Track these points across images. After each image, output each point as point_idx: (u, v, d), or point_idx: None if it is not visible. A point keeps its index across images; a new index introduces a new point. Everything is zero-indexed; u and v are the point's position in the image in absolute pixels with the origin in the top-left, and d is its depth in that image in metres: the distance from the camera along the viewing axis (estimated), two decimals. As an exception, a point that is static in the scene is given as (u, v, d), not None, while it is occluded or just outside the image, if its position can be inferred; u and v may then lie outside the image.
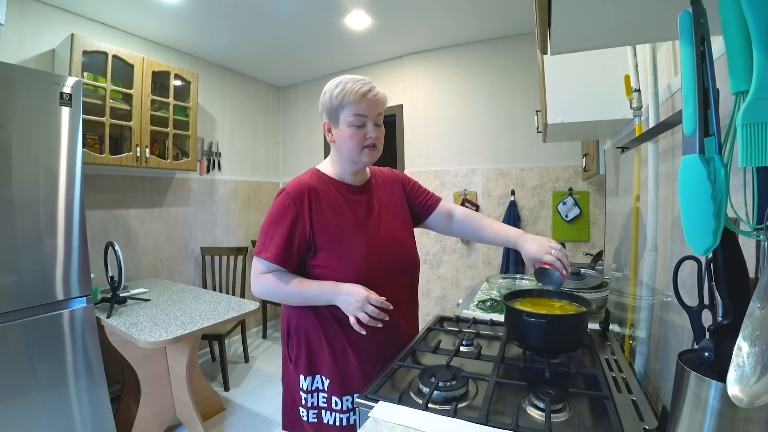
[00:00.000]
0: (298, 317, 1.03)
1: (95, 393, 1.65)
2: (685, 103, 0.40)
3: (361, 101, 0.99)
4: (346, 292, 0.93)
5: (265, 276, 0.99)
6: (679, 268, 0.57)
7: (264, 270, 0.99)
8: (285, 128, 3.95)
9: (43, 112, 1.54)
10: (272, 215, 1.00)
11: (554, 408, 0.72)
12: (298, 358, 1.02)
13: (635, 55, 1.03)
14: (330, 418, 1.00)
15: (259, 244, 0.99)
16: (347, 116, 1.00)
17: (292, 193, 0.99)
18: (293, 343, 1.03)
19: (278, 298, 1.00)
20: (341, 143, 1.02)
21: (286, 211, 0.98)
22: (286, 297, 0.99)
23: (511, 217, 2.76)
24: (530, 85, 2.71)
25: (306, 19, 2.52)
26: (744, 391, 0.35)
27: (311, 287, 0.97)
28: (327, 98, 1.01)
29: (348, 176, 1.09)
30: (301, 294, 0.97)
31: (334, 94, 1.00)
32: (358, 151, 1.02)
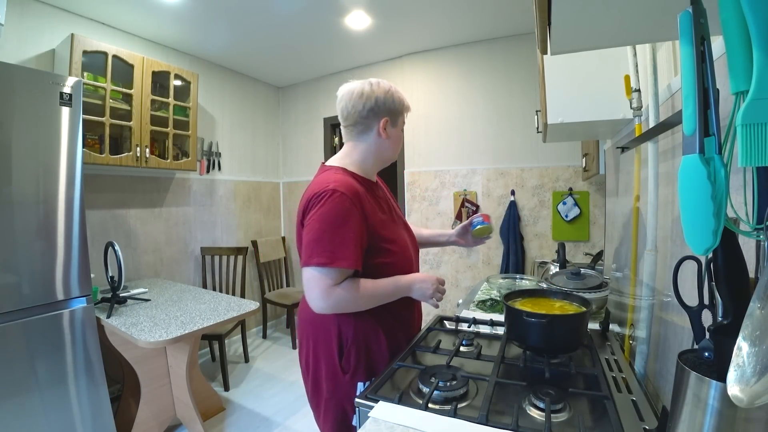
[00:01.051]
0: (356, 327, 0.99)
1: (95, 393, 1.65)
2: (685, 103, 0.40)
3: (407, 110, 1.11)
4: (420, 280, 1.01)
5: (337, 290, 0.90)
6: (679, 268, 0.57)
7: (335, 280, 0.90)
8: (285, 128, 3.95)
9: (43, 112, 1.54)
10: (333, 218, 0.90)
11: (554, 408, 0.72)
12: (357, 368, 0.98)
13: (635, 55, 1.03)
14: None
15: (326, 252, 0.88)
16: (402, 121, 1.09)
17: (348, 193, 0.93)
18: (351, 354, 0.98)
19: (352, 308, 0.95)
20: (393, 142, 1.07)
21: (348, 211, 0.92)
22: (363, 304, 0.95)
23: (511, 217, 2.76)
24: (530, 85, 2.71)
25: (306, 19, 2.52)
26: (744, 391, 0.35)
27: (386, 285, 0.97)
28: (391, 99, 1.04)
29: (372, 174, 1.11)
30: (379, 294, 0.96)
31: (397, 97, 1.06)
32: (396, 151, 1.10)
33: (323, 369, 1.01)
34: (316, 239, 0.90)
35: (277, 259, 3.68)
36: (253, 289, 3.55)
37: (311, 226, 0.92)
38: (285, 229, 3.99)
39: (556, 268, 1.86)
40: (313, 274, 0.90)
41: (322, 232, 0.90)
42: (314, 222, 0.92)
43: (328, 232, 0.90)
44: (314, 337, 1.03)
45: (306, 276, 0.92)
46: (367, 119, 1.03)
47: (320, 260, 0.89)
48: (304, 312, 1.06)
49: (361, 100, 1.02)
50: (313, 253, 0.90)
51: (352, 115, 1.03)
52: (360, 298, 0.93)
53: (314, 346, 1.03)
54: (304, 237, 0.94)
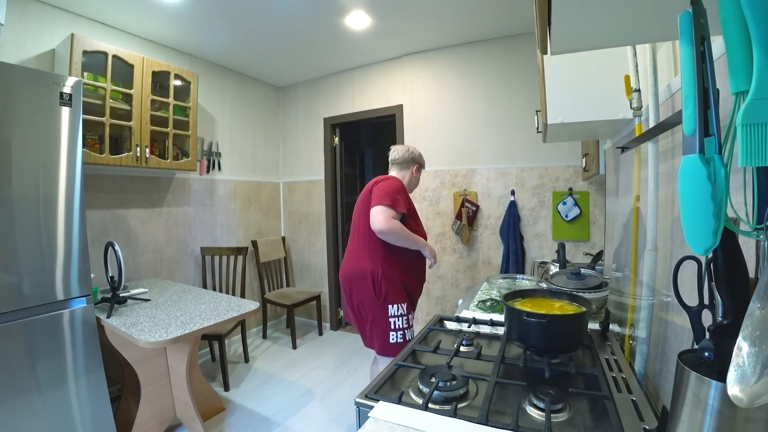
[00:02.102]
0: (383, 269, 1.66)
1: (95, 393, 1.65)
2: (685, 103, 0.40)
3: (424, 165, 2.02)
4: (430, 247, 1.78)
5: (396, 221, 1.62)
6: (679, 268, 0.57)
7: (394, 215, 1.63)
8: (285, 128, 3.95)
9: (43, 112, 1.54)
10: (394, 187, 1.70)
11: (554, 408, 0.72)
12: (387, 295, 1.65)
13: (635, 55, 1.02)
14: (410, 333, 1.68)
15: (391, 200, 1.63)
16: (420, 169, 1.97)
17: (401, 180, 1.81)
18: (382, 286, 1.65)
19: (399, 236, 1.64)
20: (413, 179, 1.94)
21: (401, 188, 1.74)
22: (405, 236, 1.65)
23: (511, 217, 2.76)
24: (530, 85, 2.71)
25: (306, 19, 2.52)
26: (744, 391, 0.35)
27: (416, 237, 1.72)
28: (420, 157, 1.97)
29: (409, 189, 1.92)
30: (413, 238, 1.69)
31: (420, 155, 1.98)
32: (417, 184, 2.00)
33: (365, 302, 1.68)
34: (386, 193, 1.66)
35: (277, 259, 3.68)
36: (253, 289, 3.55)
37: (382, 188, 1.68)
38: (285, 229, 3.99)
39: (556, 268, 1.86)
40: (381, 209, 1.62)
41: (390, 191, 1.67)
42: (384, 186, 1.69)
43: (392, 192, 1.67)
44: (357, 285, 1.69)
45: (375, 210, 1.62)
46: (407, 163, 1.91)
47: (388, 201, 1.63)
48: (345, 272, 1.76)
49: (407, 153, 1.91)
50: (384, 198, 1.63)
51: (400, 159, 1.91)
52: (403, 231, 1.65)
53: (357, 291, 1.70)
54: (376, 192, 1.68)
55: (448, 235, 3.06)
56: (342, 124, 3.64)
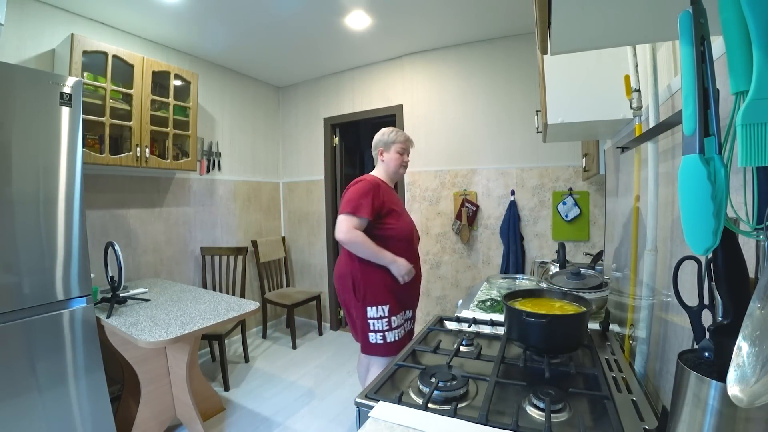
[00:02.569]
0: (363, 272, 1.64)
1: (95, 393, 1.65)
2: (685, 103, 0.40)
3: (404, 142, 1.81)
4: (400, 263, 1.64)
5: (357, 231, 1.57)
6: (679, 268, 0.57)
7: (355, 224, 1.58)
8: (285, 128, 3.95)
9: (43, 112, 1.54)
10: (359, 191, 1.62)
11: (554, 408, 0.72)
12: (365, 297, 1.64)
13: (635, 55, 1.02)
14: (392, 336, 1.65)
15: (352, 207, 1.58)
16: (396, 148, 1.79)
17: (371, 182, 1.66)
18: (360, 288, 1.64)
19: (360, 248, 1.59)
20: (390, 161, 1.79)
21: (368, 190, 1.63)
22: (365, 249, 1.59)
23: (511, 217, 2.76)
24: (530, 85, 2.71)
25: (306, 19, 2.52)
26: (744, 391, 0.35)
27: (383, 250, 1.62)
28: (383, 136, 1.80)
29: (390, 182, 1.82)
30: (376, 251, 1.61)
31: (388, 134, 1.80)
32: (398, 167, 1.80)
33: (349, 302, 1.70)
34: (349, 199, 1.61)
35: (277, 259, 3.68)
36: (253, 289, 3.55)
37: (347, 195, 1.64)
38: (285, 229, 3.99)
39: (556, 268, 1.86)
40: (342, 218, 1.59)
41: (351, 198, 1.61)
42: (350, 193, 1.64)
43: (354, 197, 1.61)
44: (341, 285, 1.72)
45: (338, 220, 1.61)
46: (378, 148, 1.83)
47: (349, 209, 1.58)
48: (335, 273, 1.78)
49: (376, 139, 1.83)
50: (346, 206, 1.60)
51: (373, 148, 1.85)
52: (363, 243, 1.59)
53: (341, 291, 1.73)
54: (342, 200, 1.65)
55: (448, 235, 3.06)
56: (342, 124, 3.64)
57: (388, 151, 1.77)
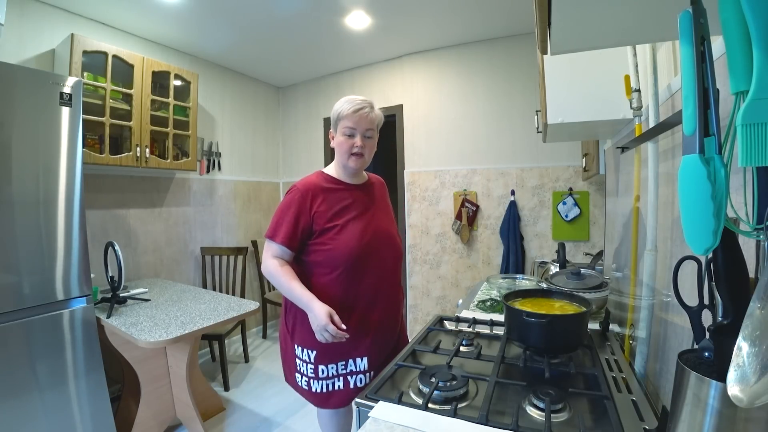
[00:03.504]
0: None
1: (95, 393, 1.65)
2: (685, 103, 0.40)
3: (353, 116, 1.22)
4: (315, 312, 1.11)
5: (274, 261, 1.20)
6: (679, 268, 0.57)
7: (274, 251, 1.21)
8: (285, 128, 3.95)
9: (43, 112, 1.54)
10: (283, 206, 1.22)
11: (554, 408, 0.72)
12: (293, 331, 1.26)
13: (635, 55, 1.02)
14: (317, 386, 1.23)
15: (271, 228, 1.21)
16: (342, 127, 1.24)
17: (300, 190, 1.22)
18: (290, 318, 1.27)
19: (274, 282, 1.21)
20: (336, 148, 1.26)
21: (292, 203, 1.20)
22: (279, 285, 1.20)
23: (511, 217, 2.76)
24: (530, 85, 2.71)
25: (306, 19, 2.52)
26: (744, 391, 0.35)
27: (296, 289, 1.16)
28: (333, 112, 1.26)
29: (346, 177, 1.29)
30: (288, 289, 1.17)
31: (336, 108, 1.25)
32: (346, 157, 1.24)
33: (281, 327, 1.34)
34: (273, 218, 1.24)
35: (277, 259, 3.67)
36: (253, 289, 3.55)
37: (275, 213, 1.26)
38: (285, 229, 3.99)
39: (556, 268, 1.86)
40: (266, 240, 1.24)
41: (276, 214, 1.23)
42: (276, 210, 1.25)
43: (277, 214, 1.22)
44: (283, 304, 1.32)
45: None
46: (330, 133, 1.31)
47: (268, 232, 1.22)
48: None
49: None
50: (270, 226, 1.23)
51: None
52: (278, 279, 1.18)
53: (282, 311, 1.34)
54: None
55: (448, 235, 3.06)
56: (342, 124, 3.64)
57: (336, 132, 1.26)
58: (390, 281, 1.30)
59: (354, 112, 1.21)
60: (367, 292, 1.23)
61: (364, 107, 1.23)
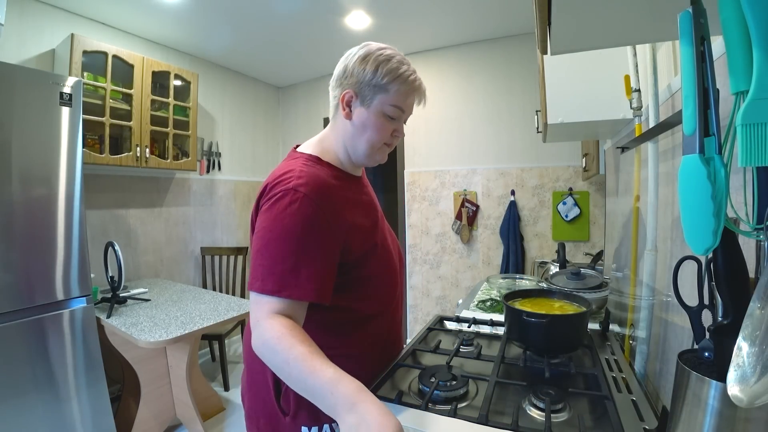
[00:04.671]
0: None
1: (95, 393, 1.65)
2: (685, 103, 0.40)
3: (410, 92, 0.78)
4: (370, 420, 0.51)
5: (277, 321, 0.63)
6: (679, 268, 0.57)
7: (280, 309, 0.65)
8: (285, 128, 3.95)
9: (43, 112, 1.54)
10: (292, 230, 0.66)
11: (554, 408, 0.72)
12: (297, 410, 0.77)
13: (635, 55, 1.02)
14: None
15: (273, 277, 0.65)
16: (386, 102, 0.76)
17: (313, 196, 0.69)
18: (289, 395, 0.77)
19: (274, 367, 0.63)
20: (362, 129, 0.78)
21: (312, 220, 0.67)
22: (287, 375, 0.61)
23: (511, 217, 2.76)
24: (530, 85, 2.71)
25: (306, 19, 2.52)
26: (744, 391, 0.35)
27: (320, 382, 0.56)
28: (368, 68, 0.76)
29: (350, 168, 0.86)
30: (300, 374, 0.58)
31: (384, 68, 0.76)
32: (379, 146, 0.80)
33: (260, 411, 0.80)
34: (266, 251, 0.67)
35: (277, 259, 3.67)
36: (253, 289, 3.55)
37: (261, 234, 0.69)
38: (285, 229, 3.99)
39: (556, 268, 1.86)
40: (254, 299, 0.67)
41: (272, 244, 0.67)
42: (266, 229, 0.68)
43: (284, 245, 0.66)
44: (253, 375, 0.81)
45: (251, 300, 0.68)
46: (335, 90, 0.81)
47: (265, 286, 0.65)
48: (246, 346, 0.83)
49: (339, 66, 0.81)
50: (257, 273, 0.67)
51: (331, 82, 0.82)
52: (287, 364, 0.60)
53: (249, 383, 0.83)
54: (252, 247, 0.71)
55: (448, 235, 3.06)
56: (342, 124, 3.64)
57: (366, 102, 0.78)
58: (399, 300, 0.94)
59: (416, 87, 0.78)
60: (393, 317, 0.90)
61: (422, 83, 0.81)
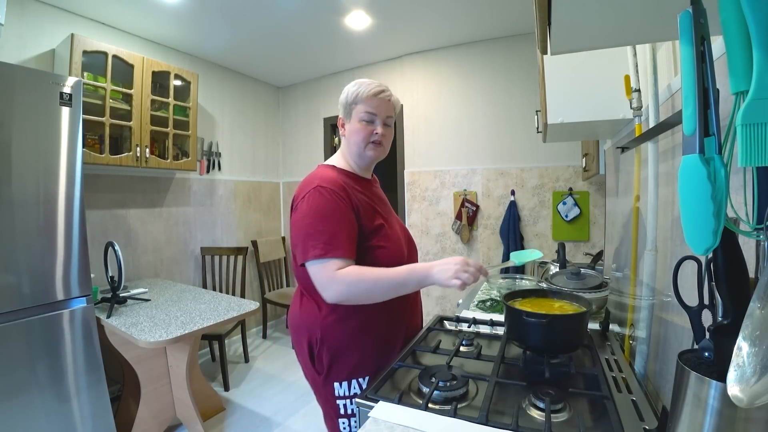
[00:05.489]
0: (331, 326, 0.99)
1: (95, 393, 1.65)
2: (685, 103, 0.40)
3: (372, 100, 1.06)
4: (442, 263, 0.91)
5: (343, 273, 0.91)
6: (679, 268, 0.57)
7: (339, 266, 0.91)
8: (285, 128, 3.95)
9: (43, 112, 1.54)
10: (321, 212, 0.94)
11: (554, 408, 0.72)
12: (330, 368, 1.00)
13: (635, 55, 1.02)
14: None
15: (319, 245, 0.91)
16: (359, 112, 1.06)
17: (331, 187, 0.97)
18: (322, 356, 0.99)
19: (363, 294, 0.93)
20: (350, 136, 1.07)
21: (335, 204, 0.96)
22: (371, 289, 0.92)
23: (511, 217, 2.76)
24: (530, 85, 2.71)
25: (306, 19, 2.52)
26: (744, 391, 0.35)
27: (399, 272, 0.93)
28: (344, 96, 1.10)
29: (359, 171, 1.12)
30: (391, 281, 0.92)
31: (351, 91, 1.09)
32: (364, 145, 1.06)
33: (306, 370, 1.07)
34: (306, 235, 0.93)
35: (277, 259, 3.68)
36: (253, 289, 3.55)
37: (300, 223, 0.96)
38: (285, 229, 3.99)
39: (556, 268, 1.86)
40: (316, 269, 0.93)
41: (312, 227, 0.93)
42: (303, 218, 0.95)
43: (317, 224, 0.93)
44: (297, 343, 1.07)
45: (312, 274, 0.94)
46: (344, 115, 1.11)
47: (315, 253, 0.91)
48: (290, 320, 1.13)
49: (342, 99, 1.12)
50: (306, 246, 0.93)
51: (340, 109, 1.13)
52: (370, 283, 0.91)
53: (296, 350, 1.08)
54: (293, 235, 0.98)
55: (448, 235, 3.06)
56: (342, 124, 3.64)
57: (349, 119, 1.08)
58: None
59: (374, 95, 1.07)
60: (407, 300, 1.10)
61: (385, 90, 1.09)
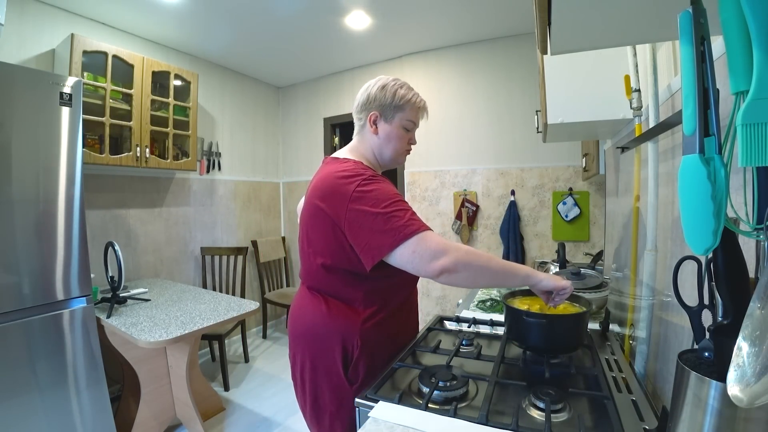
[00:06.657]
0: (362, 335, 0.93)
1: (95, 393, 1.65)
2: (685, 103, 0.40)
3: (419, 111, 1.08)
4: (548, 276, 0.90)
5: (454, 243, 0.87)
6: (679, 268, 0.57)
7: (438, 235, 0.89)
8: (285, 128, 3.95)
9: (43, 112, 1.54)
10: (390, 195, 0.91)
11: (554, 408, 0.72)
12: (365, 378, 0.93)
13: (635, 55, 1.03)
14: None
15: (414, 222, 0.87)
16: (404, 119, 1.04)
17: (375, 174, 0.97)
18: (359, 365, 0.93)
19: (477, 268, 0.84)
20: (389, 139, 1.04)
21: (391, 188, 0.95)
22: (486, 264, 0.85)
23: (511, 217, 2.76)
24: (530, 85, 2.71)
25: (306, 19, 2.52)
26: (744, 391, 0.35)
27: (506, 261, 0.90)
28: (387, 94, 1.02)
29: (380, 168, 1.10)
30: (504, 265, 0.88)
31: (400, 94, 1.03)
32: (402, 152, 1.08)
33: (325, 384, 0.95)
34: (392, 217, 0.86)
35: (277, 259, 3.68)
36: (253, 289, 3.55)
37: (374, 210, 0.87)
38: (285, 229, 3.99)
39: (556, 268, 1.86)
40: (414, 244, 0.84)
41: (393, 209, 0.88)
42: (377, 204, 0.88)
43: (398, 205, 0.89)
44: (311, 352, 0.97)
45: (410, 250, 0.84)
46: (360, 113, 1.06)
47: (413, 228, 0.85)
48: (295, 327, 1.03)
49: (362, 95, 1.06)
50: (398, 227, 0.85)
51: (355, 107, 1.08)
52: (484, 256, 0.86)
53: (312, 361, 0.97)
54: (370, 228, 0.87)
55: (448, 235, 3.06)
56: (342, 123, 3.64)
57: (388, 120, 1.03)
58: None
59: (422, 106, 1.08)
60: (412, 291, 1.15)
61: (425, 103, 1.11)
